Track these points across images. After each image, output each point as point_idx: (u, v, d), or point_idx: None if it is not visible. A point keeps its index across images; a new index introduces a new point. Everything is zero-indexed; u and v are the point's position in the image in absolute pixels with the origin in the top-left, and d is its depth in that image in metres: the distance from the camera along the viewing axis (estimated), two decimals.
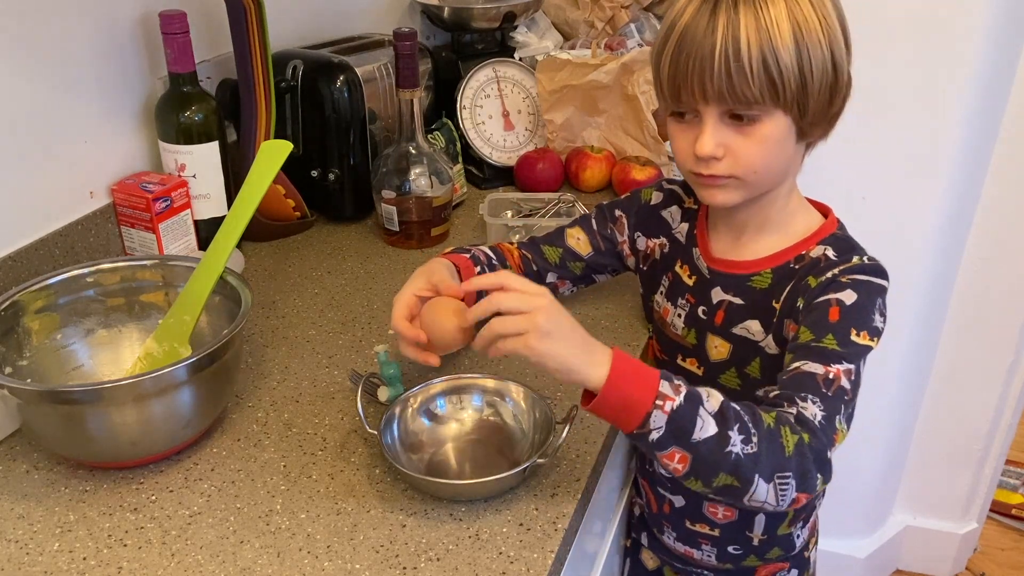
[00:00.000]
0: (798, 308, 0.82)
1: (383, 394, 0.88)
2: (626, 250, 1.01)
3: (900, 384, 1.69)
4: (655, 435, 0.70)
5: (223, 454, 0.84)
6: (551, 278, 1.02)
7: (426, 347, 0.83)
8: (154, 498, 0.78)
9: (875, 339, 0.79)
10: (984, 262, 1.61)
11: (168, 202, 1.08)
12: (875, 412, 1.66)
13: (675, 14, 0.79)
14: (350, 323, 1.05)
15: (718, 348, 0.91)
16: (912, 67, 1.43)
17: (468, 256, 0.96)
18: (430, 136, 1.36)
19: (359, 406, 0.82)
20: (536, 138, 1.48)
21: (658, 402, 0.70)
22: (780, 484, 0.71)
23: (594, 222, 1.02)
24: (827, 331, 0.78)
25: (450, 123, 1.41)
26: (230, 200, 1.16)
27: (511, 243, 1.04)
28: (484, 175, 1.45)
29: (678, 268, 0.95)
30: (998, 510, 2.08)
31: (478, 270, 0.94)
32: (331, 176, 1.26)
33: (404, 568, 0.71)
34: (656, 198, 1.00)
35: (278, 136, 1.24)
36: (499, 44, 1.52)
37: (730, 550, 1.02)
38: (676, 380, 0.72)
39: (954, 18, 1.37)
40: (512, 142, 1.47)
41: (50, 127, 1.01)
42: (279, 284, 1.14)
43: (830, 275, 0.81)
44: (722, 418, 0.71)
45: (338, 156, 1.26)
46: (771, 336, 0.86)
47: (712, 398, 0.72)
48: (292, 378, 0.95)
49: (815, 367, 0.76)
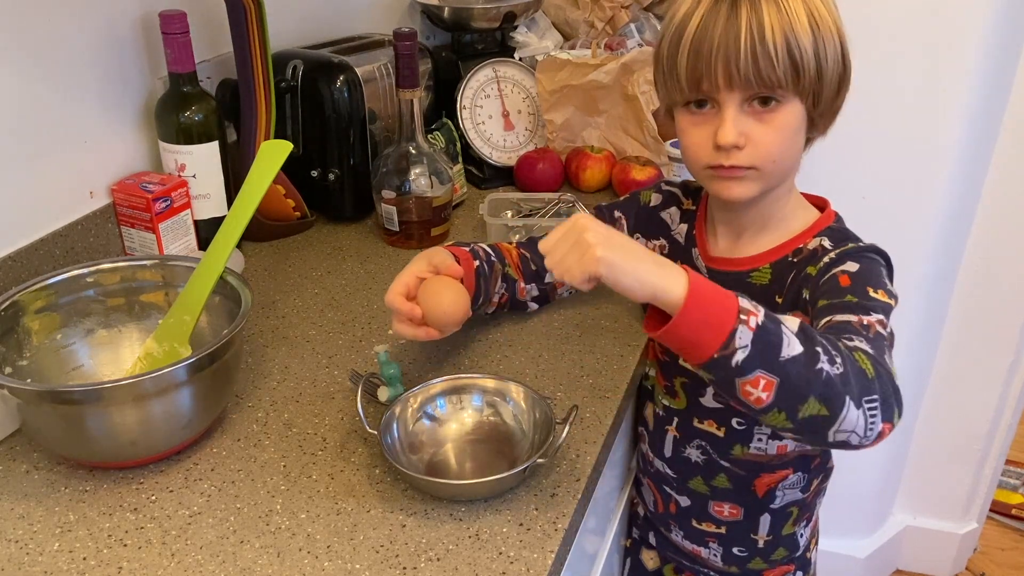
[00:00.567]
0: (805, 299, 0.82)
1: (383, 394, 0.88)
2: None
3: (900, 384, 1.69)
4: (740, 356, 0.63)
5: (223, 454, 0.84)
6: (550, 278, 1.02)
7: (422, 324, 0.83)
8: (154, 498, 0.78)
9: (893, 300, 0.77)
10: (984, 262, 1.61)
11: (168, 202, 1.08)
12: None
13: (687, 10, 0.80)
14: (350, 323, 1.05)
15: None
16: (913, 67, 1.43)
17: (468, 249, 0.96)
18: (430, 136, 1.36)
19: (359, 406, 0.82)
20: (536, 138, 1.48)
21: (742, 316, 0.64)
22: (869, 409, 0.66)
23: None
24: (844, 293, 0.76)
25: (450, 123, 1.41)
26: (230, 200, 1.16)
27: (511, 243, 1.04)
28: (484, 175, 1.45)
29: None
30: (998, 510, 2.08)
31: (477, 264, 0.95)
32: (331, 176, 1.26)
33: (404, 568, 0.71)
34: (655, 200, 1.00)
35: (278, 136, 1.24)
36: (499, 44, 1.52)
37: (735, 552, 1.02)
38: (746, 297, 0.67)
39: (955, 17, 1.38)
40: (512, 142, 1.47)
41: (50, 127, 1.01)
42: (279, 284, 1.14)
43: (828, 259, 0.81)
44: (805, 337, 0.65)
45: (338, 156, 1.26)
46: None
47: (788, 319, 0.66)
48: (292, 378, 0.95)
49: (847, 316, 0.73)
